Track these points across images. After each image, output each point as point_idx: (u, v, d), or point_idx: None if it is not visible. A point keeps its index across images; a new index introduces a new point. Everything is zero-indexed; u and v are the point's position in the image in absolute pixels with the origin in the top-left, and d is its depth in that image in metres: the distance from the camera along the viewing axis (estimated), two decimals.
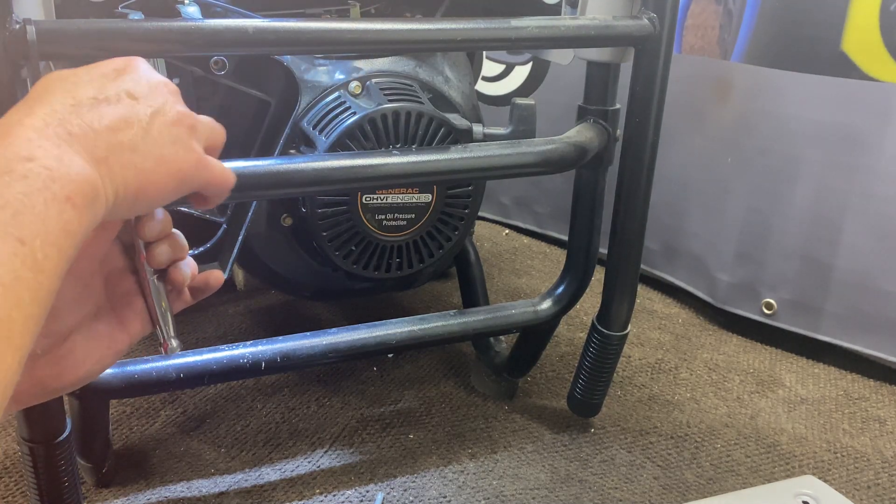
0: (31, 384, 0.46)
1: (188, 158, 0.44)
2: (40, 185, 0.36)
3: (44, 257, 0.35)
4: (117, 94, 0.42)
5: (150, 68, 0.46)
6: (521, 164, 0.86)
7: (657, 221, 1.47)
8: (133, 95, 0.42)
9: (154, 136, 0.42)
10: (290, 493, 0.95)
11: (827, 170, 1.25)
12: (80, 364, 0.48)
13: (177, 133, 0.44)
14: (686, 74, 1.40)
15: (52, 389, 0.47)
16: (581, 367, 1.05)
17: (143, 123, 0.42)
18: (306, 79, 0.97)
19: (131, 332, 0.51)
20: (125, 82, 0.43)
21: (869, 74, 1.18)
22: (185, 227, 0.54)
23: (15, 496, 0.92)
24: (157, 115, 0.43)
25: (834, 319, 1.29)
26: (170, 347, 0.51)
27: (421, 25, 0.76)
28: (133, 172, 0.41)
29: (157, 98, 0.44)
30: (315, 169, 0.75)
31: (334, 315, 1.40)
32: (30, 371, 0.45)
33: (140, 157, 0.41)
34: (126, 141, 0.41)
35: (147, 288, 0.50)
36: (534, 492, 0.97)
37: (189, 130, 0.45)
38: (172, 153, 0.43)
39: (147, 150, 0.42)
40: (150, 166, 0.42)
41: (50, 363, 0.46)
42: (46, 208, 0.35)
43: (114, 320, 0.50)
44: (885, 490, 1.00)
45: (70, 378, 0.47)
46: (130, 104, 0.42)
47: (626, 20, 0.85)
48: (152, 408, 1.11)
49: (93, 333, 0.49)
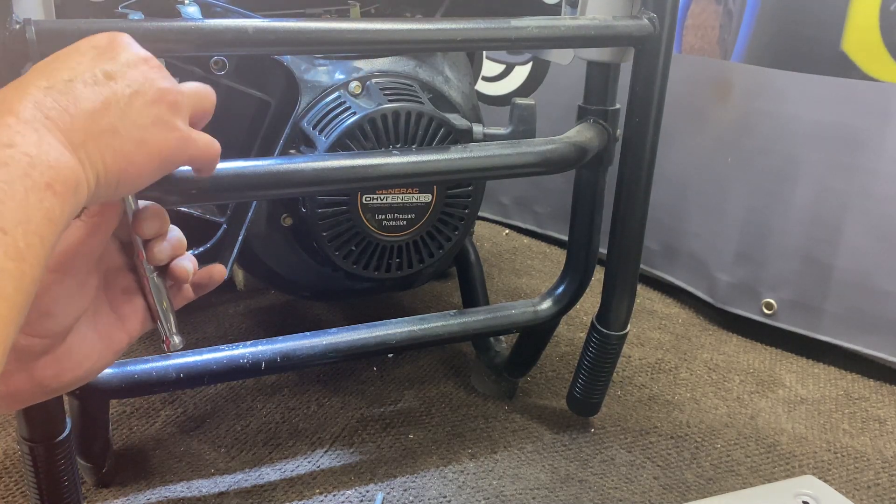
0: (31, 384, 0.45)
1: (169, 138, 0.43)
2: (21, 172, 0.35)
3: (26, 246, 0.34)
4: (94, 76, 0.41)
5: (133, 43, 0.44)
6: (521, 164, 0.86)
7: (657, 221, 1.47)
8: (111, 75, 0.41)
9: (133, 118, 0.41)
10: (290, 493, 0.95)
11: (827, 170, 1.25)
12: (80, 363, 0.47)
13: (157, 112, 0.43)
14: (686, 74, 1.40)
15: (52, 389, 0.47)
16: (580, 366, 1.05)
17: (122, 104, 0.41)
18: (306, 79, 0.97)
19: (130, 331, 0.51)
20: (103, 61, 0.42)
21: (869, 74, 1.18)
22: (185, 228, 0.54)
23: (15, 496, 0.92)
24: (137, 95, 0.42)
25: (834, 319, 1.29)
26: (172, 344, 0.51)
27: (421, 25, 0.76)
28: (113, 156, 0.40)
29: (137, 76, 0.43)
30: (315, 169, 0.75)
31: (334, 315, 1.40)
32: (29, 371, 0.45)
33: (119, 140, 0.41)
34: (104, 124, 0.40)
35: (147, 285, 0.50)
36: (534, 492, 0.97)
37: (170, 107, 0.44)
38: (153, 134, 0.42)
39: (126, 133, 0.41)
40: (131, 148, 0.41)
41: (49, 363, 0.46)
42: (27, 196, 0.35)
43: (112, 318, 0.50)
44: (885, 490, 1.00)
45: (70, 377, 0.47)
46: (108, 85, 0.41)
47: (626, 20, 0.85)
48: (152, 408, 1.11)
49: (91, 332, 0.48)
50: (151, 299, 0.50)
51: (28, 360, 0.45)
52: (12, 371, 0.44)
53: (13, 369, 0.44)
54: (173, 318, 0.51)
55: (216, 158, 0.49)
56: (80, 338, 0.47)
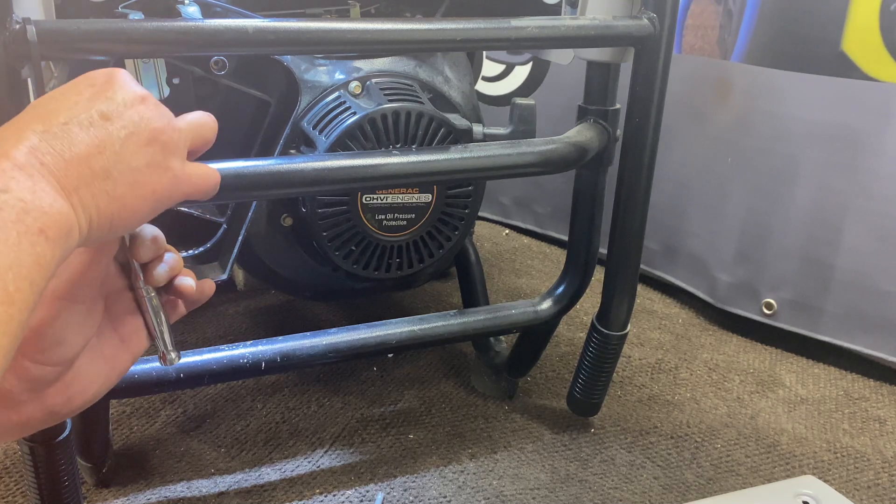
0: (43, 412, 0.46)
1: (162, 179, 0.44)
2: (14, 217, 0.35)
3: (15, 290, 0.35)
4: (89, 117, 0.41)
5: (131, 80, 0.44)
6: (521, 164, 0.86)
7: (657, 221, 1.47)
8: (106, 116, 0.42)
9: (127, 160, 0.42)
10: (290, 493, 0.95)
11: (827, 170, 1.25)
12: (87, 387, 0.48)
13: (151, 153, 0.43)
14: (686, 74, 1.40)
15: (61, 414, 0.47)
16: (580, 366, 1.05)
17: (116, 147, 0.41)
18: (306, 79, 0.97)
19: (133, 350, 0.51)
20: (100, 101, 0.42)
21: (869, 74, 1.18)
22: (184, 228, 0.54)
23: (15, 496, 0.92)
24: (131, 137, 0.42)
25: (834, 319, 1.29)
26: (168, 359, 0.52)
27: (421, 25, 0.76)
28: (106, 200, 0.40)
29: (133, 116, 0.43)
30: (315, 169, 0.75)
31: (334, 315, 1.40)
32: (41, 400, 0.46)
33: (112, 184, 0.41)
34: (98, 168, 0.40)
35: (144, 305, 0.51)
36: (534, 492, 0.97)
37: (164, 148, 0.44)
38: (146, 176, 0.43)
39: (120, 176, 0.41)
40: (123, 191, 0.41)
41: (59, 391, 0.46)
42: (20, 241, 0.35)
43: (115, 339, 0.51)
44: (885, 490, 1.00)
45: (78, 402, 0.48)
46: (103, 126, 0.41)
47: (625, 20, 0.85)
48: (152, 408, 1.11)
49: (97, 355, 0.49)
50: (149, 318, 0.51)
51: (40, 390, 0.46)
52: (25, 401, 0.45)
53: (26, 399, 0.45)
54: (169, 335, 0.52)
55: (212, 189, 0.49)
56: (88, 362, 0.48)
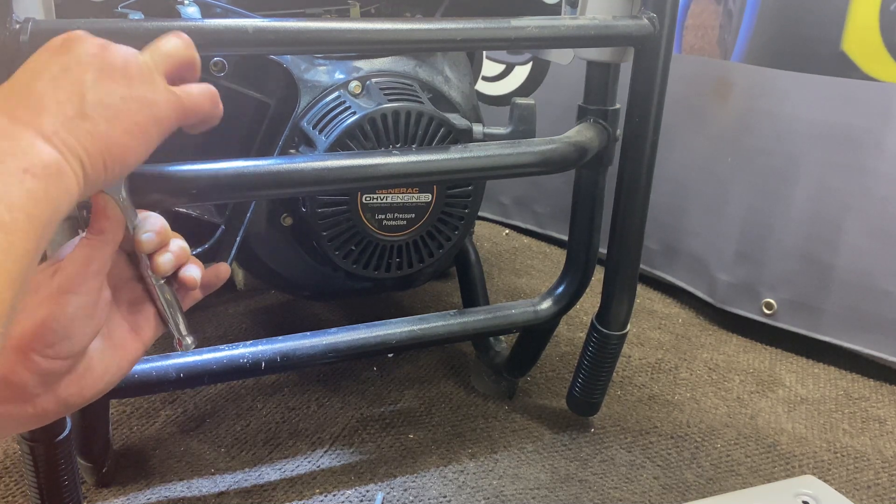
0: (57, 404, 0.46)
1: (142, 110, 0.44)
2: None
3: (11, 220, 0.35)
4: (51, 73, 0.42)
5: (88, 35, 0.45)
6: (521, 164, 0.86)
7: (657, 221, 1.47)
8: (67, 67, 0.42)
9: (100, 99, 0.42)
10: (290, 493, 0.95)
11: (827, 170, 1.25)
12: (100, 377, 0.49)
13: (123, 88, 0.43)
14: (686, 74, 1.40)
15: (75, 405, 0.48)
16: (580, 366, 1.05)
17: (84, 90, 0.42)
18: (306, 78, 0.97)
19: (144, 339, 0.52)
20: (59, 57, 0.43)
21: (869, 74, 1.18)
22: (183, 228, 0.54)
23: (15, 496, 0.92)
24: (97, 78, 0.42)
25: (834, 319, 1.29)
26: (185, 344, 0.52)
27: (421, 25, 0.76)
28: (90, 140, 0.41)
29: (93, 62, 0.43)
30: (315, 169, 0.75)
31: (334, 315, 1.40)
32: (54, 392, 0.46)
33: (91, 123, 0.41)
34: (71, 112, 0.41)
35: (155, 293, 0.51)
36: (534, 492, 0.97)
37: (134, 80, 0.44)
38: (124, 110, 0.43)
39: (97, 115, 0.41)
40: (105, 129, 0.42)
41: (72, 382, 0.47)
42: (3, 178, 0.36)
43: (126, 330, 0.51)
44: (885, 490, 1.00)
45: (91, 392, 0.48)
46: (65, 76, 0.42)
47: (625, 20, 0.85)
48: (152, 408, 1.11)
49: (108, 345, 0.49)
50: (161, 305, 0.51)
51: (53, 382, 0.46)
52: (39, 394, 0.45)
53: (40, 392, 0.45)
54: (183, 321, 0.52)
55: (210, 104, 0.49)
56: (99, 353, 0.48)
